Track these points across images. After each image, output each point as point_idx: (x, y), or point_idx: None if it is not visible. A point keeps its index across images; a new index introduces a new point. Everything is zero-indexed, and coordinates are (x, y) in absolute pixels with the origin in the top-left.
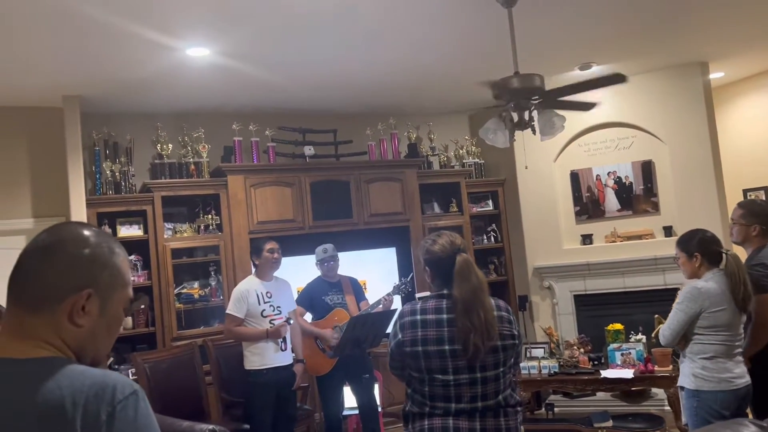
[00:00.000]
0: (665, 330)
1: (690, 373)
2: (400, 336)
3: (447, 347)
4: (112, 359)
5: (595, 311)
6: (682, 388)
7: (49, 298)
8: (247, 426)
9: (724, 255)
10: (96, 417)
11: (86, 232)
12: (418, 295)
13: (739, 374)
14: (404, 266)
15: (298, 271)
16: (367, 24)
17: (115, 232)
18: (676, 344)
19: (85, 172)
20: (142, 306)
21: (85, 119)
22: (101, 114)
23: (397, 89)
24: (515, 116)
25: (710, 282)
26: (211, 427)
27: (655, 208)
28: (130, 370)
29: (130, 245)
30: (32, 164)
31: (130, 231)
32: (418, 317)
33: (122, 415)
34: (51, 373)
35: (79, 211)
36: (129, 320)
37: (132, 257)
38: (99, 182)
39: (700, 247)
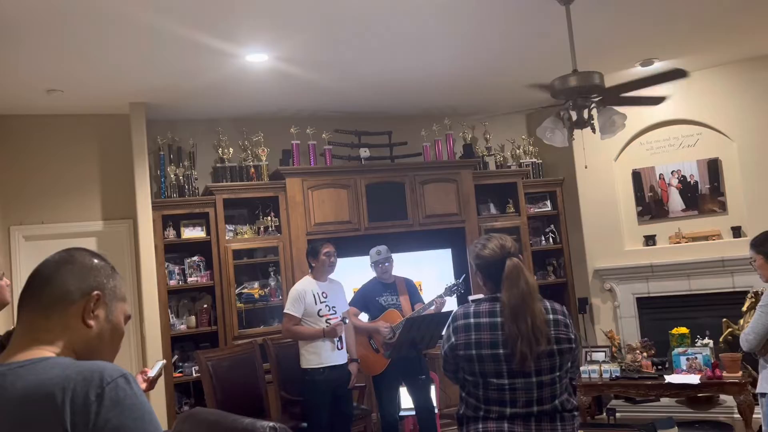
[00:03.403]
0: (749, 334)
1: None
2: (453, 339)
3: (501, 351)
4: (176, 357)
5: (659, 314)
6: (764, 394)
7: (62, 300)
8: (305, 424)
9: None
10: (85, 398)
11: (93, 253)
12: (471, 298)
13: None
14: (460, 267)
15: (354, 272)
16: (422, 25)
17: (179, 234)
18: (756, 351)
19: (151, 176)
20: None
21: (150, 125)
22: (165, 120)
23: (453, 89)
24: (574, 115)
25: None
26: (271, 424)
27: (723, 207)
28: (193, 368)
29: (194, 246)
30: (101, 169)
31: (193, 233)
32: (472, 320)
33: (112, 395)
34: (43, 368)
35: (145, 214)
36: (192, 319)
37: (195, 258)
38: (164, 186)
39: None
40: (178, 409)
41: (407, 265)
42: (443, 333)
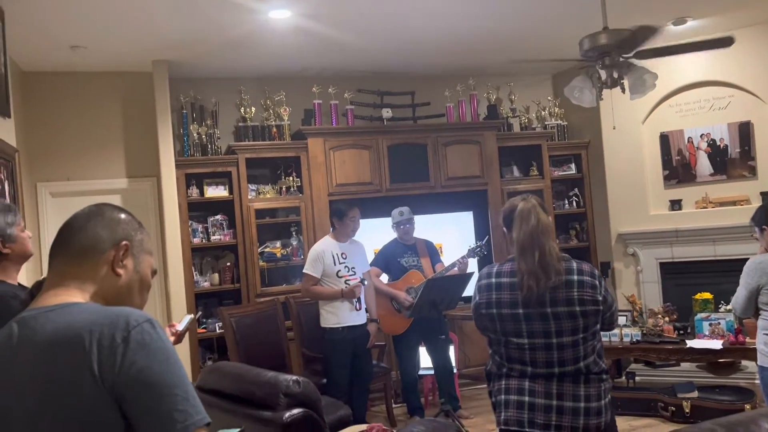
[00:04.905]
0: (734, 302)
1: (758, 349)
2: (477, 298)
3: (521, 311)
4: (200, 312)
5: (683, 279)
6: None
7: (93, 248)
8: (325, 381)
9: None
10: (111, 341)
11: (120, 208)
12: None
13: None
14: (481, 230)
15: (375, 234)
16: None
17: (202, 193)
18: (751, 316)
19: (174, 135)
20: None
21: (173, 83)
22: (188, 78)
23: (477, 48)
24: (603, 74)
25: None
26: (294, 377)
27: (752, 172)
28: (217, 324)
29: (217, 205)
30: (125, 127)
31: (216, 192)
32: (494, 280)
33: (137, 338)
34: (72, 312)
35: (168, 172)
36: (216, 276)
37: (218, 217)
38: (186, 144)
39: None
40: (201, 364)
41: (428, 227)
42: (467, 293)
